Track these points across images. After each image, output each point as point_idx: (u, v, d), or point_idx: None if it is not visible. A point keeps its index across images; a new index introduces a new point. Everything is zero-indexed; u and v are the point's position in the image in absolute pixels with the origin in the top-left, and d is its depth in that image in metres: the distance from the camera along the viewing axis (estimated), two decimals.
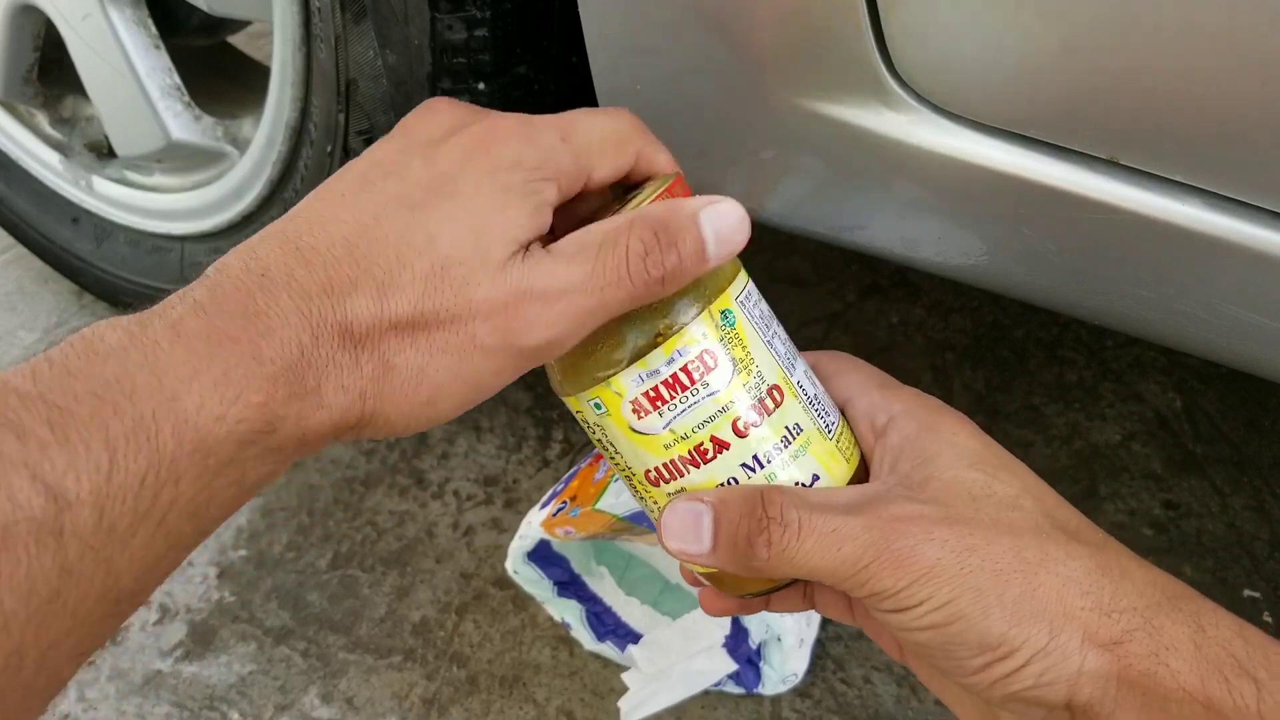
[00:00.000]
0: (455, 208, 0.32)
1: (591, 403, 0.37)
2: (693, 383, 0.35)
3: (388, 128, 0.65)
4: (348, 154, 0.68)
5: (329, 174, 0.71)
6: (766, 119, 0.53)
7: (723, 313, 0.36)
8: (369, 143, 0.66)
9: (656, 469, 0.37)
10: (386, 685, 0.73)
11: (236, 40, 1.03)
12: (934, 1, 0.44)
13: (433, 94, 0.61)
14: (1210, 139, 0.42)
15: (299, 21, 0.66)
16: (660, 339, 0.35)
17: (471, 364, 0.32)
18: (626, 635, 0.74)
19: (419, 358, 0.31)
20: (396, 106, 0.63)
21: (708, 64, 0.52)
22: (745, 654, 0.69)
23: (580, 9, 0.54)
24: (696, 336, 0.35)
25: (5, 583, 0.24)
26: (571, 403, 0.38)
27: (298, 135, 0.72)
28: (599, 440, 0.38)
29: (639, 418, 0.36)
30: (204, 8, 0.72)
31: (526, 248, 0.32)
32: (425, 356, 0.31)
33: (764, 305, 0.38)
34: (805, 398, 0.37)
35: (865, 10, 0.45)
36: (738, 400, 0.36)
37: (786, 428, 0.36)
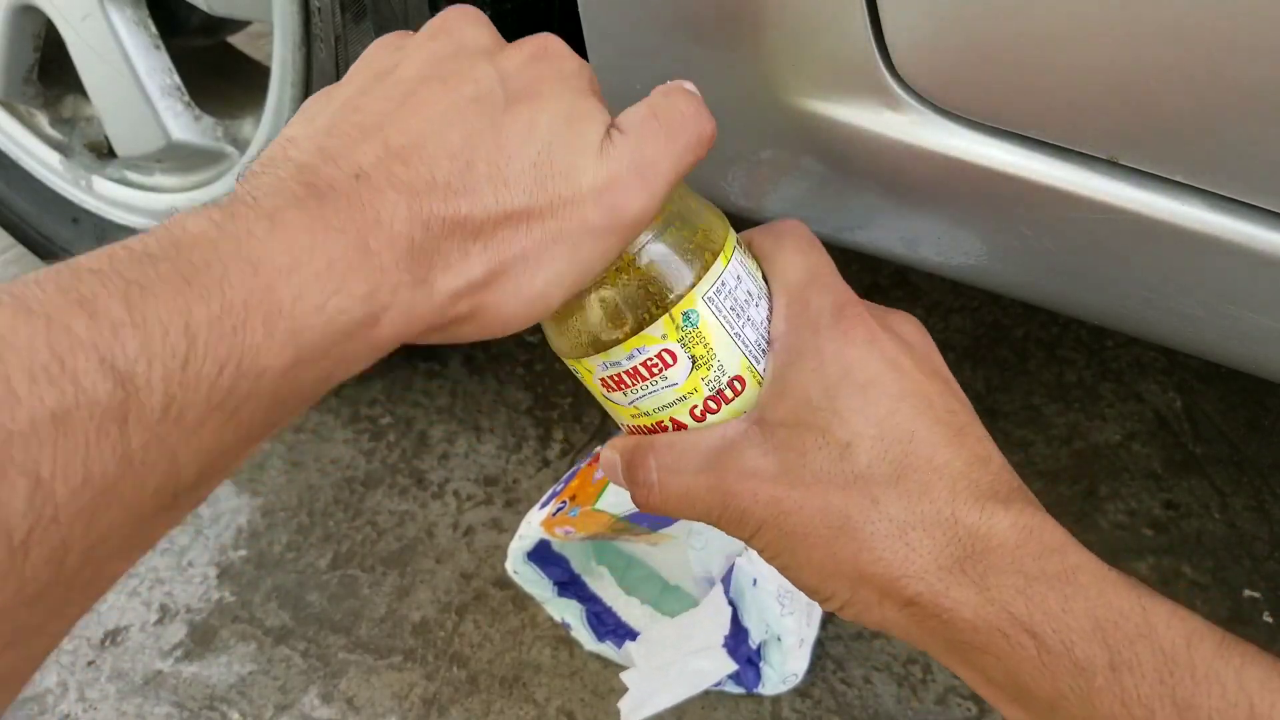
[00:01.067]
0: (543, 104, 0.33)
1: (571, 368, 0.40)
2: (651, 376, 0.38)
3: None
4: None
5: None
6: (766, 119, 0.53)
7: (685, 314, 0.37)
8: None
9: (627, 427, 0.41)
10: (386, 685, 0.73)
11: (237, 40, 1.03)
12: (934, 1, 0.44)
13: None
14: (1210, 139, 0.42)
15: (299, 22, 0.66)
16: (622, 337, 0.37)
17: (584, 248, 0.33)
18: (626, 635, 0.74)
19: (534, 247, 0.32)
20: None
21: (707, 64, 0.52)
22: (745, 654, 0.69)
23: (580, 9, 0.54)
24: (655, 338, 0.37)
25: (60, 471, 0.23)
26: (559, 355, 0.40)
27: None
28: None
29: (607, 391, 0.39)
30: (204, 8, 0.72)
31: (608, 133, 0.34)
32: (540, 246, 0.32)
33: (744, 288, 0.39)
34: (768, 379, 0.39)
35: (865, 10, 0.45)
36: (696, 391, 0.38)
37: (744, 410, 0.38)
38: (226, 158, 0.83)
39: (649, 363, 0.37)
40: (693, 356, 0.37)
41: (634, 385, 0.38)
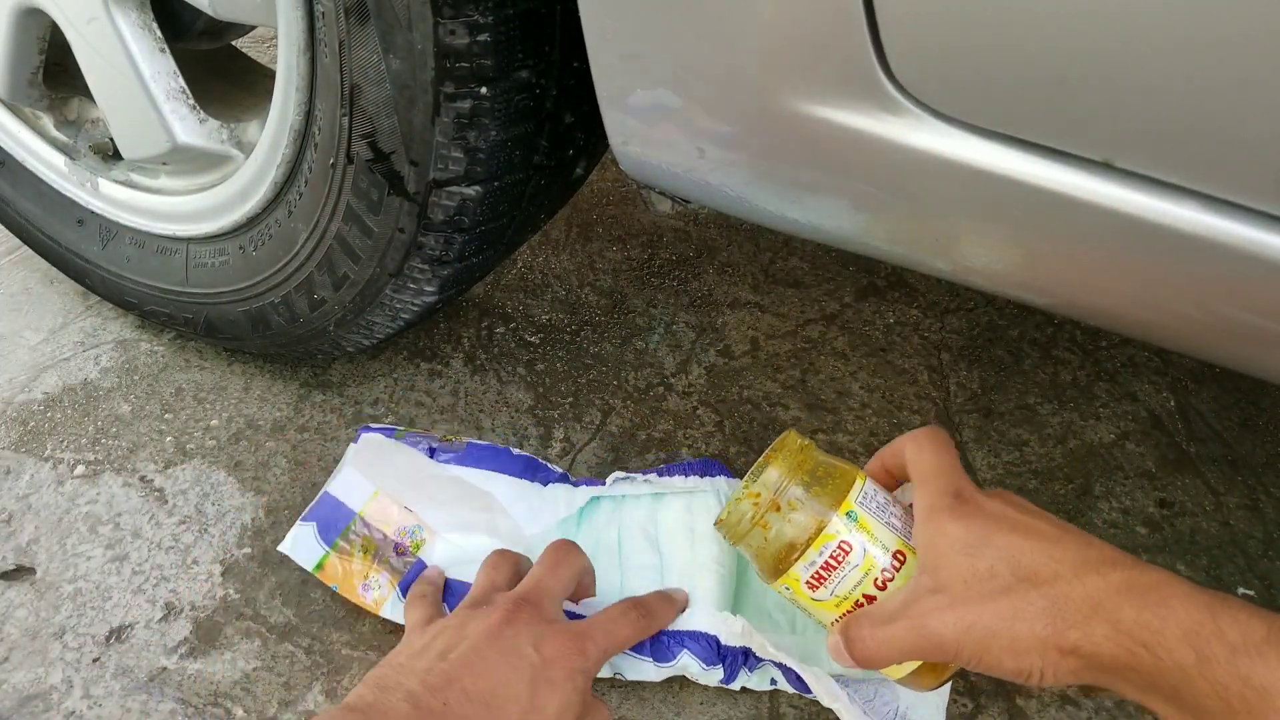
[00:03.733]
0: (555, 692, 0.60)
1: (784, 587, 0.59)
2: (839, 565, 0.57)
3: (391, 131, 0.66)
4: (351, 158, 0.69)
5: (332, 178, 0.72)
6: (765, 122, 0.53)
7: (847, 514, 0.57)
8: (372, 146, 0.67)
9: (834, 620, 0.58)
10: None
11: (242, 44, 1.04)
12: (930, 5, 0.44)
13: (435, 98, 0.62)
14: (1206, 142, 0.42)
15: (303, 27, 0.66)
16: (810, 541, 0.57)
17: None
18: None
19: None
20: (400, 111, 0.64)
21: (707, 68, 0.53)
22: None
23: (582, 14, 0.55)
24: (833, 534, 0.57)
25: None
26: (773, 586, 0.60)
27: (302, 139, 0.73)
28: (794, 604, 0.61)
29: (813, 592, 0.58)
30: (208, 12, 0.73)
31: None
32: None
33: (881, 496, 0.59)
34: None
35: (862, 14, 0.45)
36: (873, 567, 0.57)
37: (911, 576, 0.55)
38: (231, 160, 0.84)
39: (835, 554, 0.57)
40: (864, 540, 0.57)
41: (829, 576, 0.57)
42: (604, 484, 0.81)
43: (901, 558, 0.57)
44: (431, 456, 0.79)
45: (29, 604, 0.79)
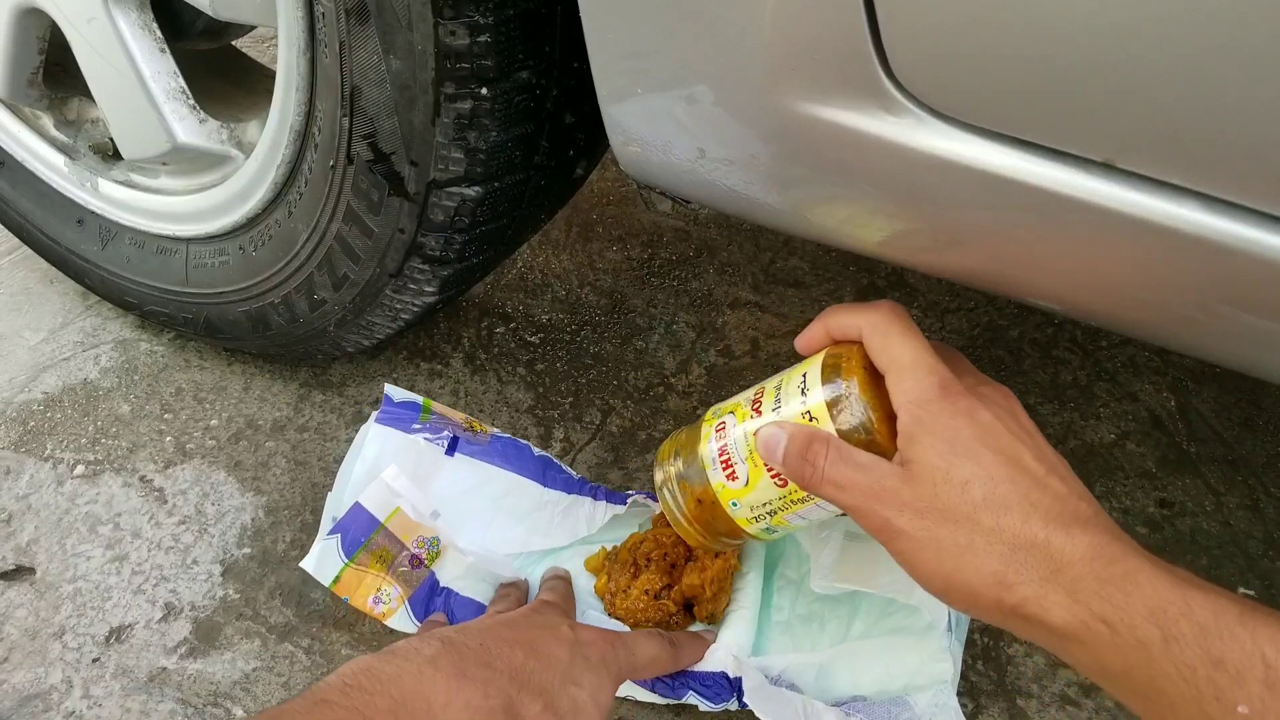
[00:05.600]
0: (590, 670, 0.60)
1: (730, 503, 0.61)
2: (724, 434, 0.61)
3: (391, 132, 0.66)
4: (351, 159, 0.69)
5: (332, 178, 0.72)
6: (765, 122, 0.53)
7: (709, 428, 0.63)
8: (372, 146, 0.67)
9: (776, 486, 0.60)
10: None
11: (242, 44, 1.04)
12: (932, 5, 0.44)
13: (436, 98, 0.62)
14: (1207, 142, 0.42)
15: (303, 27, 0.66)
16: (697, 450, 0.63)
17: None
18: None
19: None
20: (400, 111, 0.64)
21: (708, 68, 0.53)
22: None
23: (582, 14, 0.55)
24: (706, 433, 0.63)
25: None
26: (734, 516, 0.62)
27: (302, 139, 0.73)
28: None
29: (731, 479, 0.60)
30: (209, 12, 0.73)
31: None
32: None
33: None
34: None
35: (863, 14, 0.45)
36: (741, 406, 0.61)
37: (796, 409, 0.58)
38: (231, 161, 0.84)
39: (718, 432, 0.62)
40: (726, 412, 0.62)
41: (726, 444, 0.60)
42: (623, 503, 0.80)
43: (760, 392, 0.60)
44: (452, 451, 0.78)
45: (29, 604, 0.79)
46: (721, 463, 0.60)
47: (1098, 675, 0.45)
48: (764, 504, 0.59)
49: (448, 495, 0.76)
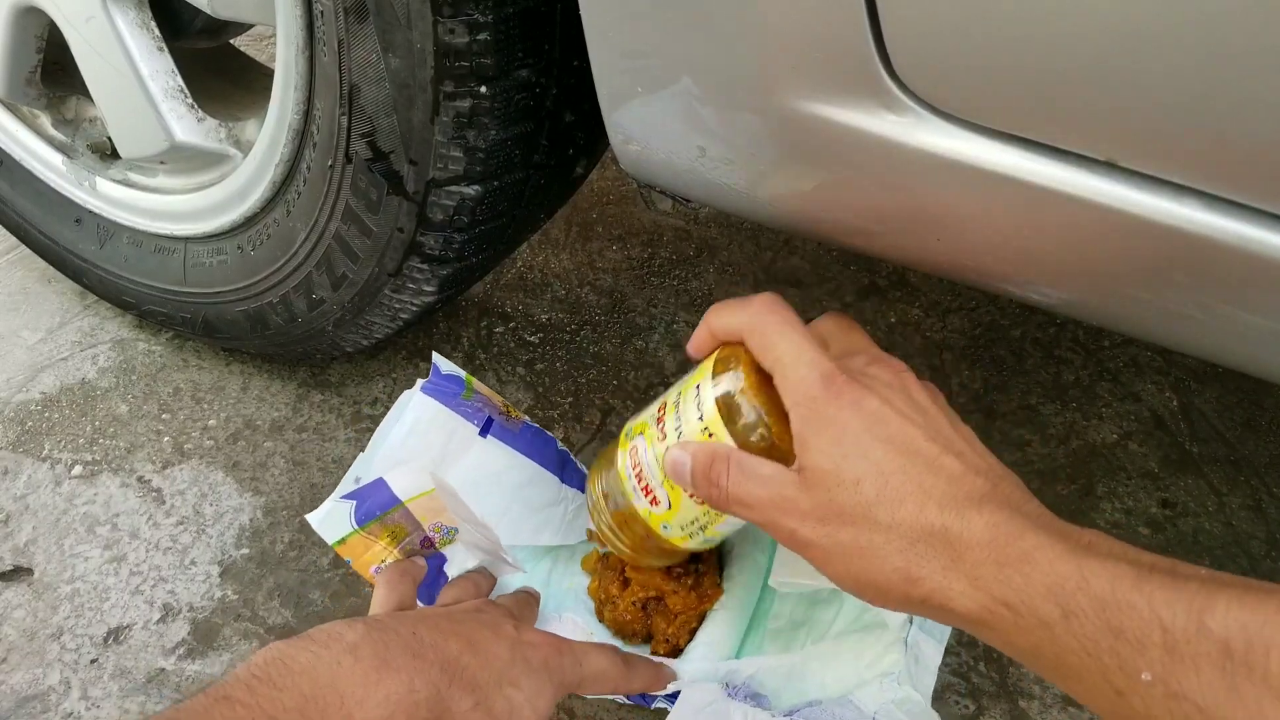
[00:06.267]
0: (530, 673, 0.57)
1: (644, 520, 0.62)
2: (638, 458, 0.61)
3: (390, 131, 0.66)
4: (350, 158, 0.69)
5: (330, 177, 0.71)
6: (766, 121, 0.53)
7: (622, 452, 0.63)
8: (371, 145, 0.66)
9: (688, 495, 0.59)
10: None
11: (240, 42, 1.03)
12: (934, 3, 0.44)
13: (435, 97, 0.62)
14: (1209, 141, 0.42)
15: (302, 25, 0.66)
16: (616, 473, 0.63)
17: None
18: None
19: None
20: (399, 110, 0.64)
21: (708, 66, 0.53)
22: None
23: (582, 12, 0.55)
24: (624, 453, 0.63)
25: None
26: (641, 548, 0.64)
27: (301, 138, 0.72)
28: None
29: (647, 497, 0.60)
30: (207, 10, 0.73)
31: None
32: None
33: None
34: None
35: (865, 12, 0.45)
36: (647, 425, 0.61)
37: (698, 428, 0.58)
38: (230, 160, 0.83)
39: (632, 456, 0.61)
40: (638, 437, 0.61)
41: (641, 467, 0.60)
42: None
43: (664, 407, 0.59)
44: (485, 433, 0.76)
45: (27, 605, 0.78)
46: (642, 490, 0.60)
47: (1011, 654, 0.45)
48: (692, 521, 0.59)
49: (471, 476, 0.75)
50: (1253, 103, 0.40)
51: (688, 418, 0.56)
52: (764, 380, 0.53)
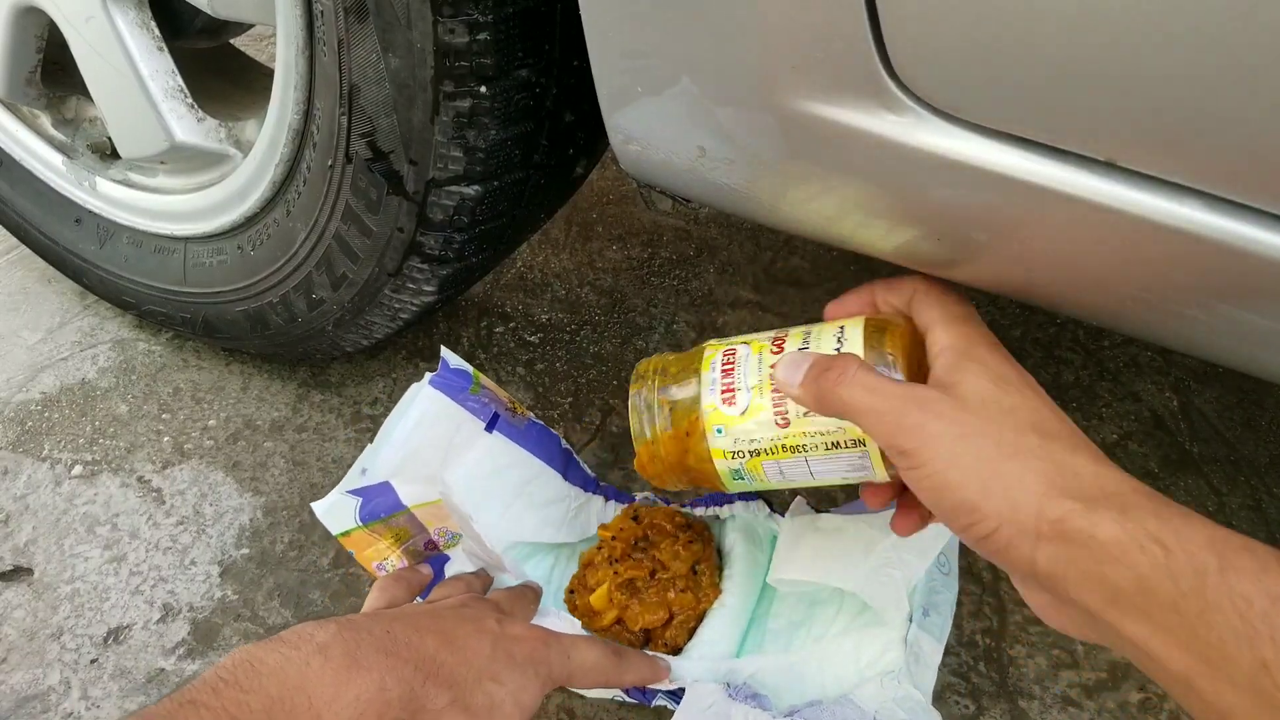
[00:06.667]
0: (514, 668, 0.56)
1: (715, 428, 0.57)
2: (734, 363, 0.58)
3: (390, 130, 0.66)
4: (350, 158, 0.69)
5: (330, 177, 0.71)
6: (766, 121, 0.53)
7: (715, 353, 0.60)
8: (371, 145, 0.66)
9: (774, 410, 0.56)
10: None
11: (240, 42, 1.03)
12: (934, 3, 0.44)
13: (435, 97, 0.62)
14: (1210, 141, 0.42)
15: (302, 25, 0.66)
16: (698, 371, 0.59)
17: None
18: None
19: None
20: (399, 110, 0.64)
21: (708, 66, 0.53)
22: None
23: (582, 12, 0.55)
24: (712, 353, 0.60)
25: None
26: (711, 450, 0.57)
27: (301, 138, 0.72)
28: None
29: (729, 405, 0.56)
30: (207, 10, 0.73)
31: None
32: None
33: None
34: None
35: (864, 11, 0.45)
36: (763, 344, 0.59)
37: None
38: (230, 159, 0.83)
39: (725, 360, 0.58)
40: (740, 343, 0.60)
41: (733, 375, 0.56)
42: (631, 503, 0.80)
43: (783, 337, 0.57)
44: (491, 428, 0.76)
45: (26, 605, 0.78)
46: (723, 385, 0.56)
47: (1135, 610, 0.40)
48: (750, 439, 0.55)
49: (475, 471, 0.75)
50: (1253, 103, 0.40)
51: (822, 346, 0.55)
52: (916, 355, 0.53)
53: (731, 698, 0.66)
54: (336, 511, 0.69)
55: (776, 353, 0.55)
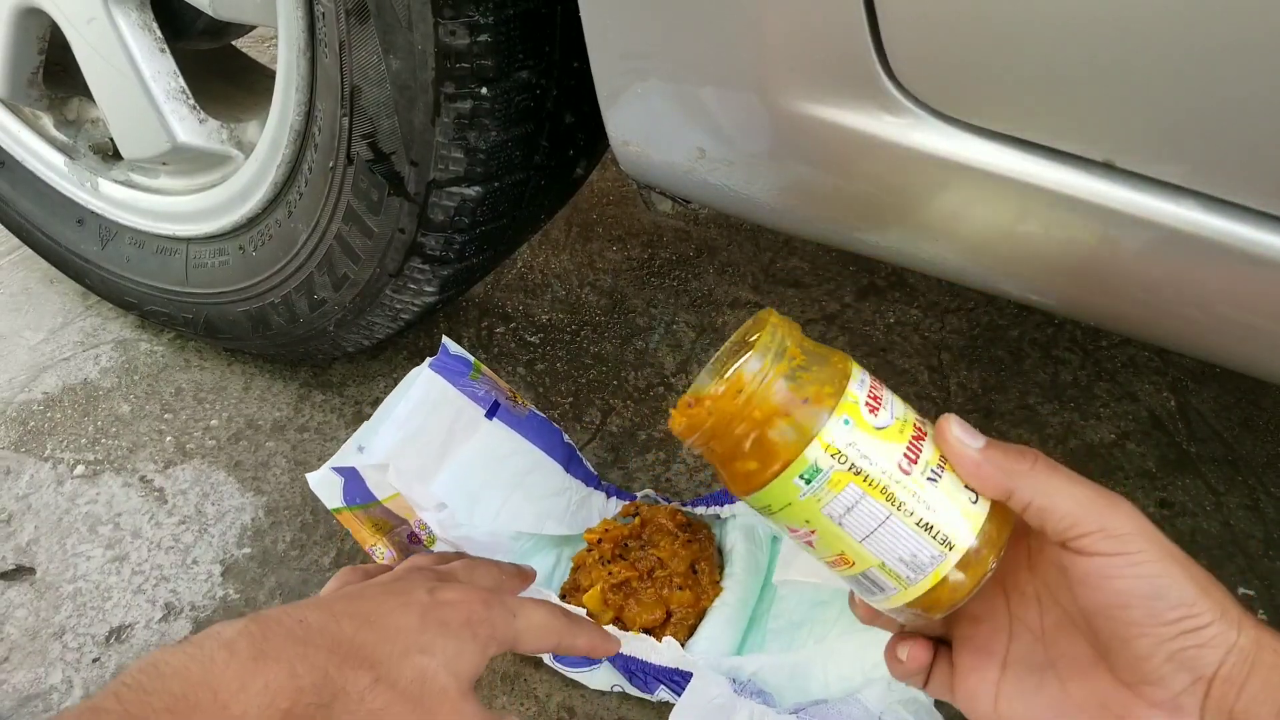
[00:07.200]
0: (447, 635, 0.53)
1: (842, 419, 0.46)
2: (882, 388, 0.47)
3: (391, 132, 0.66)
4: (351, 159, 0.69)
5: (332, 178, 0.72)
6: (765, 122, 0.53)
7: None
8: (372, 146, 0.67)
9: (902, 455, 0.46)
10: None
11: (242, 44, 1.04)
12: (932, 4, 0.44)
13: (436, 98, 0.62)
14: (1207, 142, 0.42)
15: (303, 27, 0.66)
16: (848, 370, 0.47)
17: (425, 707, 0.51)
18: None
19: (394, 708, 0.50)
20: (400, 111, 0.64)
21: (707, 68, 0.53)
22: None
23: (582, 14, 0.55)
24: (860, 373, 0.48)
25: None
26: (821, 433, 0.46)
27: (302, 139, 0.73)
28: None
29: (873, 414, 0.46)
30: (209, 12, 0.73)
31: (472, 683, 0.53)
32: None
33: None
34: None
35: (863, 13, 0.45)
36: (908, 412, 0.48)
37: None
38: (231, 160, 0.84)
39: (874, 383, 0.47)
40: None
41: (881, 395, 0.47)
42: (633, 501, 0.80)
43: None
44: (492, 415, 0.75)
45: (29, 604, 0.79)
46: (870, 391, 0.47)
47: None
48: (864, 455, 0.45)
49: (476, 459, 0.75)
50: (1251, 104, 0.40)
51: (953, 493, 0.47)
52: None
53: (737, 693, 0.66)
54: (326, 486, 0.69)
55: (920, 433, 0.47)
